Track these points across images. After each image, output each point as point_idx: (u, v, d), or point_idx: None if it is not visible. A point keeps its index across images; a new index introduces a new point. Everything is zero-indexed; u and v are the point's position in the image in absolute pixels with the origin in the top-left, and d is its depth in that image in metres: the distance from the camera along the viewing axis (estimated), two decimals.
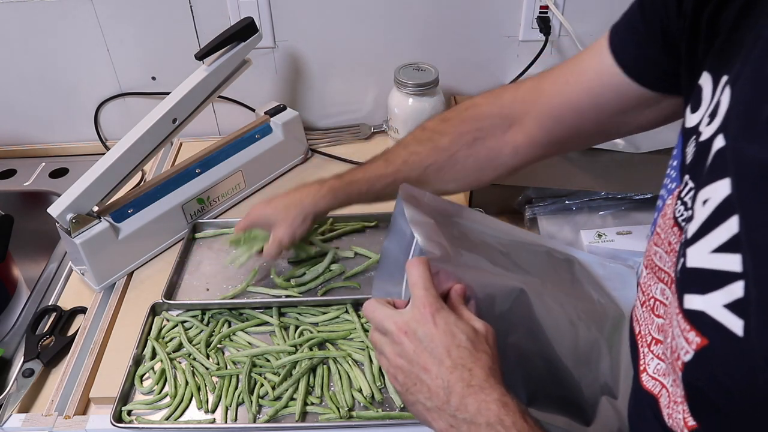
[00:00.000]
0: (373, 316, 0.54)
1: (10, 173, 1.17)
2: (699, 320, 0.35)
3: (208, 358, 0.78)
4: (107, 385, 0.75)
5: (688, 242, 0.37)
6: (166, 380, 0.76)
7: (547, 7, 1.06)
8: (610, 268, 0.77)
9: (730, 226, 0.34)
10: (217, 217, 1.01)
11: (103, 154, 0.85)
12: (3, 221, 0.98)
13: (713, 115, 0.39)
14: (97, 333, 0.82)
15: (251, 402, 0.72)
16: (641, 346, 0.48)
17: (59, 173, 1.16)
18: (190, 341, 0.80)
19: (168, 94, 0.89)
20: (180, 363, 0.78)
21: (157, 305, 0.84)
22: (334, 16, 1.08)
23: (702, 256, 0.36)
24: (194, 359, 0.78)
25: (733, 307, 0.33)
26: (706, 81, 0.42)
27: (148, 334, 0.81)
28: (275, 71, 1.15)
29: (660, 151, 0.90)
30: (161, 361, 0.77)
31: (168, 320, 0.83)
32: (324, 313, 0.82)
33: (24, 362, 0.79)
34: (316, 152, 1.15)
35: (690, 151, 0.42)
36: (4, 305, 1.00)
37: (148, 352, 0.79)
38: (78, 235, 0.84)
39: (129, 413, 0.73)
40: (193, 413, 0.72)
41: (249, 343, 0.79)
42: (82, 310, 0.87)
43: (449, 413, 0.48)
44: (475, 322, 0.52)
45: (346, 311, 0.82)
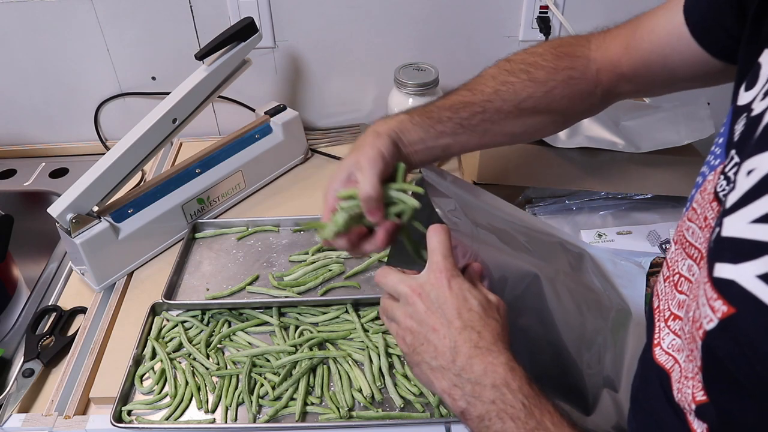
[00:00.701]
0: (386, 281, 0.55)
1: (10, 173, 1.17)
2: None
3: (208, 358, 0.78)
4: (107, 385, 0.75)
5: (727, 212, 0.37)
6: (166, 380, 0.76)
7: (547, 7, 1.06)
8: (620, 265, 0.77)
9: None
10: (217, 217, 1.01)
11: (103, 154, 0.85)
12: (3, 221, 0.98)
13: None
14: (97, 333, 0.82)
15: (251, 402, 0.72)
16: (657, 321, 0.48)
17: (59, 173, 1.16)
18: (190, 341, 0.80)
19: (168, 94, 0.89)
20: (180, 363, 0.78)
21: (157, 305, 0.84)
22: (334, 16, 1.08)
23: (740, 226, 0.35)
24: (194, 359, 0.78)
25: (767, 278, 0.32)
26: (766, 59, 0.41)
27: (148, 334, 0.81)
28: (275, 71, 1.15)
29: (660, 151, 0.90)
30: (161, 361, 0.77)
31: (168, 320, 0.83)
32: (324, 313, 0.82)
33: (24, 362, 0.79)
34: (316, 152, 1.15)
35: (739, 128, 0.41)
36: (4, 305, 1.00)
37: (148, 352, 0.79)
38: (78, 235, 0.84)
39: (129, 413, 0.73)
40: (193, 413, 0.72)
41: (249, 343, 0.79)
42: (82, 310, 0.87)
43: (454, 372, 0.48)
44: (488, 294, 0.52)
45: (346, 311, 0.82)
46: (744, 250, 0.34)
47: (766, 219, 0.34)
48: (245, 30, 0.90)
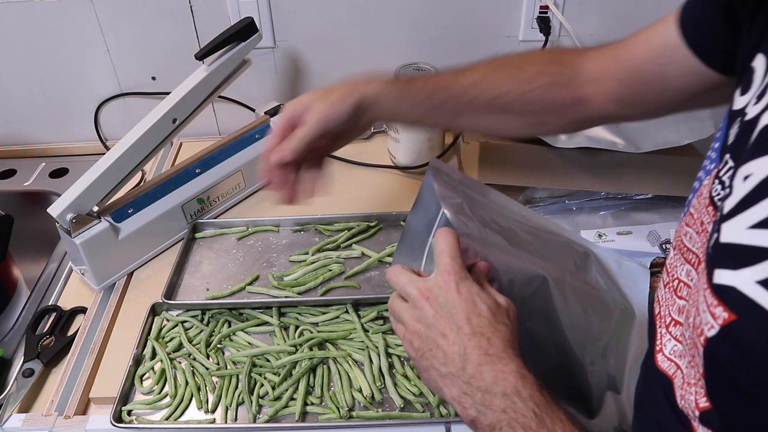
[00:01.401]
0: (396, 281, 0.54)
1: (10, 173, 1.17)
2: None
3: (208, 358, 0.78)
4: (107, 385, 0.75)
5: (724, 218, 0.37)
6: (166, 380, 0.76)
7: (547, 7, 1.06)
8: (625, 266, 0.77)
9: None
10: (217, 217, 1.01)
11: (103, 154, 0.85)
12: (3, 221, 0.98)
13: (761, 95, 0.39)
14: (97, 333, 0.82)
15: (251, 402, 0.72)
16: (659, 327, 0.48)
17: (59, 173, 1.16)
18: (190, 341, 0.80)
19: (168, 94, 0.89)
20: (180, 363, 0.78)
21: (157, 305, 0.84)
22: (334, 16, 1.08)
23: (738, 232, 0.35)
24: (194, 359, 0.78)
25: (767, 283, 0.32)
26: (759, 63, 0.42)
27: (148, 334, 0.81)
28: (275, 71, 1.15)
29: (660, 151, 0.90)
30: (161, 361, 0.77)
31: (168, 320, 0.83)
32: (324, 313, 0.82)
33: (24, 362, 0.79)
34: None
35: (733, 132, 0.41)
36: (4, 305, 1.00)
37: (148, 352, 0.79)
38: (78, 235, 0.84)
39: (129, 413, 0.73)
40: (193, 413, 0.72)
41: (249, 343, 0.79)
42: (82, 310, 0.87)
43: (463, 380, 0.48)
44: (497, 297, 0.52)
45: (346, 311, 0.82)
46: (743, 256, 0.34)
47: (765, 224, 0.34)
48: (245, 30, 0.90)
